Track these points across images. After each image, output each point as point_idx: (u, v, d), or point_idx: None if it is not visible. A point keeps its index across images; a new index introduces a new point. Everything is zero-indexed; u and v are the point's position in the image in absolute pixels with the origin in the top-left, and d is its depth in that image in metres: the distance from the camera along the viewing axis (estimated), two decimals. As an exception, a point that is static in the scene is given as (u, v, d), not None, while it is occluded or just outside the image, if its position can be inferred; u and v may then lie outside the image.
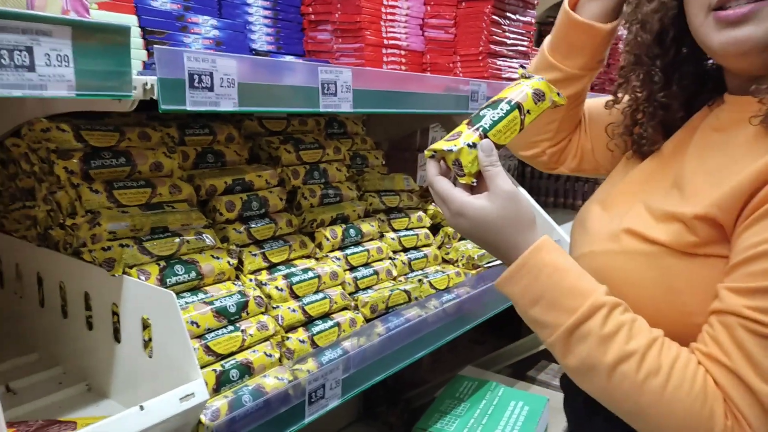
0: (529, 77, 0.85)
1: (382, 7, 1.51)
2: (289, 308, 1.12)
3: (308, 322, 1.16)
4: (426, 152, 0.84)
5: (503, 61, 1.74)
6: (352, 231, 1.39)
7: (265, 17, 1.43)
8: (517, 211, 0.78)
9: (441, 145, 0.81)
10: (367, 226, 1.43)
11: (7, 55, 0.67)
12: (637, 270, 0.79)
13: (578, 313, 0.72)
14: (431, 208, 1.68)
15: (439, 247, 1.64)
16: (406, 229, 1.56)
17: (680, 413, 0.68)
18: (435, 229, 1.67)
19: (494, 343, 2.27)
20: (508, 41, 1.75)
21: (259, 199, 1.24)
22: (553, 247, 0.78)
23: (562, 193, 2.95)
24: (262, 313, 1.08)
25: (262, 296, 1.09)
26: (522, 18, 1.80)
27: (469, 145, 0.79)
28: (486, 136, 0.80)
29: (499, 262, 1.67)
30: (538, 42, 3.00)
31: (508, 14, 1.73)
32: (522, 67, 0.87)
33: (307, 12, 1.53)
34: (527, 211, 0.79)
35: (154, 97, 0.85)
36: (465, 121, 0.84)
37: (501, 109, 0.81)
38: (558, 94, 0.85)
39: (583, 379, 0.75)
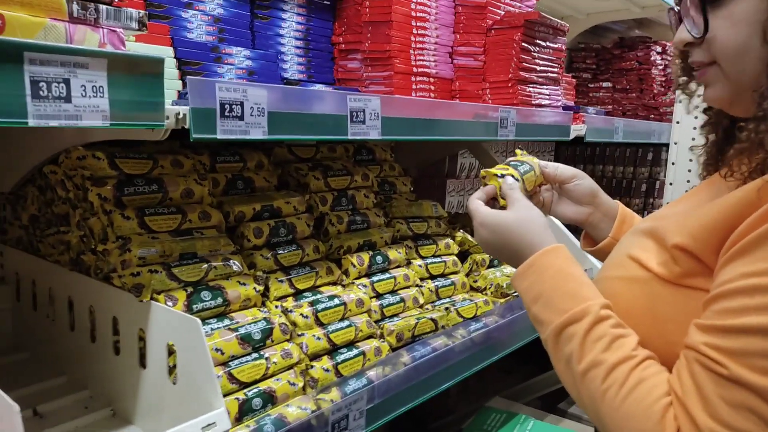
0: (524, 155, 1.10)
1: (411, 36, 1.53)
2: (314, 336, 1.11)
3: (333, 350, 1.15)
4: (482, 171, 1.02)
5: (533, 87, 1.73)
6: (379, 258, 1.38)
7: (297, 47, 1.46)
8: (533, 216, 0.90)
9: (495, 171, 1.01)
10: (395, 253, 1.42)
11: (45, 86, 0.69)
12: (631, 296, 0.82)
13: (568, 314, 0.78)
14: (459, 234, 1.66)
15: (467, 275, 1.61)
16: (434, 256, 1.55)
17: (631, 429, 0.70)
18: (463, 256, 1.65)
19: (523, 372, 2.21)
20: (539, 68, 1.74)
21: (286, 225, 1.24)
22: (564, 254, 0.85)
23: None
24: (287, 340, 1.08)
25: (287, 323, 1.09)
26: (552, 45, 1.80)
27: (513, 176, 1.01)
28: (523, 178, 1.02)
29: (528, 291, 1.64)
30: (569, 68, 2.99)
31: (538, 41, 1.72)
32: (519, 148, 1.18)
33: (337, 42, 1.55)
34: (542, 217, 0.91)
35: (186, 126, 0.86)
36: (506, 164, 1.06)
37: (528, 165, 1.06)
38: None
39: (565, 380, 0.80)
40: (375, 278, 1.35)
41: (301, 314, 1.12)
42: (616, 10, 2.69)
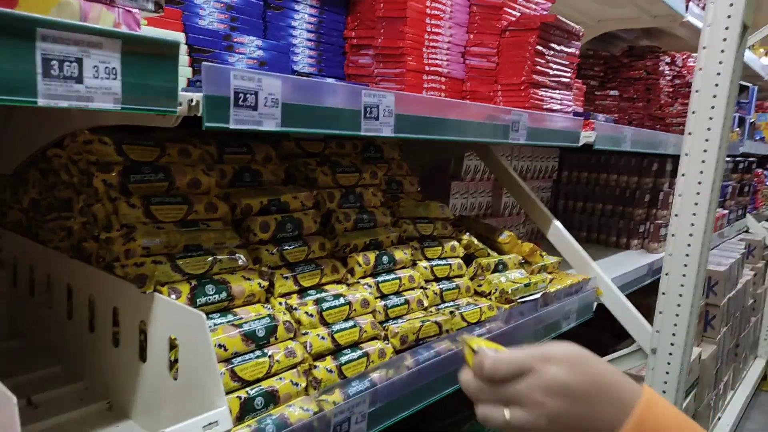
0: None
1: (425, 33, 1.50)
2: (318, 335, 1.09)
3: (337, 350, 1.12)
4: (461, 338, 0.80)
5: (545, 91, 1.71)
6: (385, 258, 1.36)
7: (309, 40, 1.43)
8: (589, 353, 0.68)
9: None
10: (401, 254, 1.40)
11: (57, 65, 0.66)
12: None
13: None
14: (465, 237, 1.64)
15: (472, 279, 1.59)
16: (439, 258, 1.52)
17: None
18: (468, 259, 1.62)
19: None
20: (551, 72, 1.72)
21: (293, 220, 1.22)
22: (656, 395, 0.68)
23: (596, 228, 2.88)
24: (291, 339, 1.05)
25: (292, 321, 1.06)
26: (566, 49, 1.77)
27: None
28: None
29: (532, 297, 1.62)
30: (579, 74, 2.97)
31: (553, 45, 1.70)
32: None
33: (349, 36, 1.52)
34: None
35: (199, 114, 0.84)
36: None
37: None
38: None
39: None
40: (380, 278, 1.32)
41: (306, 312, 1.10)
42: (628, 18, 2.67)
